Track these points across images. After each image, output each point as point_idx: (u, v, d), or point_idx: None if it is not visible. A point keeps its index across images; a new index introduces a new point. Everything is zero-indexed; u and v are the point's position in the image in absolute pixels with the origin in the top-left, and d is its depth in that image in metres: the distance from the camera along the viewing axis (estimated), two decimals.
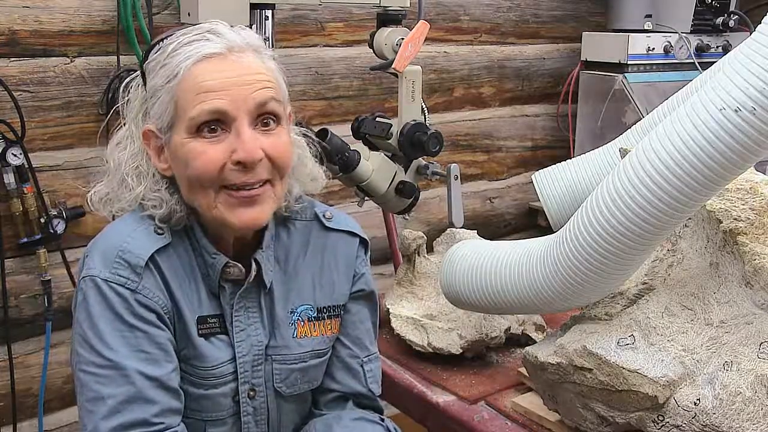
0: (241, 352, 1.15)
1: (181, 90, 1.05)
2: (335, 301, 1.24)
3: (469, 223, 1.92)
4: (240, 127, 1.05)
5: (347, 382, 1.26)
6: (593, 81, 2.80)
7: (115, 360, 1.04)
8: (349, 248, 1.26)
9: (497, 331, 1.57)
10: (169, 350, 1.08)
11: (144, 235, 1.09)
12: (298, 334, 1.20)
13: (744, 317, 1.17)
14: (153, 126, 1.09)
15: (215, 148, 1.05)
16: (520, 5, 2.86)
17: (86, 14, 1.96)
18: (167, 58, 1.07)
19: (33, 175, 1.91)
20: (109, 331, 1.04)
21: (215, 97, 1.03)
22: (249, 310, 1.16)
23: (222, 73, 1.05)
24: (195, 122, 1.04)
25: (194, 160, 1.05)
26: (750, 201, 1.23)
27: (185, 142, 1.05)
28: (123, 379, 1.04)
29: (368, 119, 1.76)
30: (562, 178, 1.49)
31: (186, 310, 1.11)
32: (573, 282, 1.14)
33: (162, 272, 1.09)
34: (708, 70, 1.35)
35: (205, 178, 1.05)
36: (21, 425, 2.03)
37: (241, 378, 1.15)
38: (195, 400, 1.13)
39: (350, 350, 1.26)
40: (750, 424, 1.09)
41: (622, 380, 1.15)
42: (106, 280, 1.05)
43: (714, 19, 2.79)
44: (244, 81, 1.05)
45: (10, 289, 1.94)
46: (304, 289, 1.21)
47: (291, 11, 2.30)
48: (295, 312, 1.20)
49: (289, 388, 1.20)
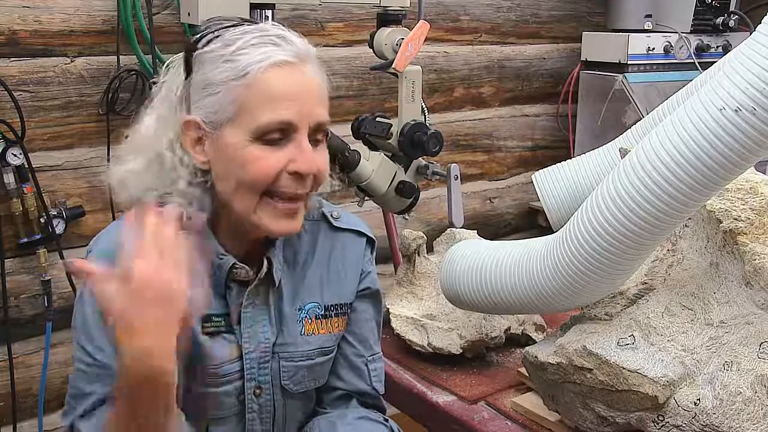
0: (248, 349, 1.15)
1: (249, 92, 1.04)
2: (342, 299, 1.24)
3: (469, 223, 1.92)
4: (301, 139, 1.06)
5: (352, 380, 1.26)
6: (593, 81, 2.80)
7: (103, 361, 1.05)
8: (356, 247, 1.27)
9: (497, 331, 1.57)
10: None
11: None
12: (305, 332, 1.20)
13: (744, 317, 1.17)
14: (200, 118, 1.07)
15: (274, 156, 1.05)
16: (520, 5, 2.86)
17: (86, 14, 1.96)
18: (233, 55, 1.05)
19: (33, 175, 1.91)
20: (99, 332, 1.05)
21: (285, 108, 1.04)
22: (257, 307, 1.16)
23: (293, 85, 1.05)
24: (262, 129, 1.04)
25: (252, 165, 1.05)
26: (750, 201, 1.23)
27: (245, 144, 1.05)
28: (108, 379, 1.04)
29: (368, 119, 1.76)
30: (562, 178, 1.49)
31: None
32: (573, 282, 1.14)
33: None
34: (708, 70, 1.35)
35: (259, 183, 1.06)
36: (21, 425, 2.03)
37: (248, 375, 1.15)
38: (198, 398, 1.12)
39: (355, 349, 1.26)
40: (750, 424, 1.09)
41: (622, 380, 1.15)
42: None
43: (714, 19, 2.79)
44: (310, 95, 1.07)
45: (10, 289, 1.94)
46: (312, 287, 1.22)
47: (291, 11, 2.30)
48: (303, 309, 1.20)
49: (296, 386, 1.20)
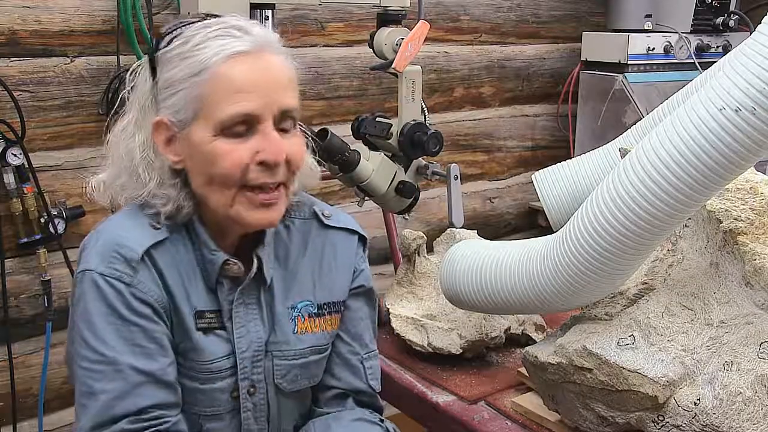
0: (241, 348, 1.15)
1: (209, 87, 1.04)
2: (335, 298, 1.24)
3: (469, 223, 1.92)
4: (266, 128, 1.06)
5: (347, 378, 1.26)
6: (593, 81, 2.80)
7: (109, 355, 1.04)
8: (348, 245, 1.26)
9: (497, 331, 1.57)
10: (164, 344, 1.08)
11: (140, 230, 1.09)
12: (298, 330, 1.20)
13: (744, 317, 1.17)
14: (167, 118, 1.08)
15: (240, 149, 1.05)
16: (520, 5, 2.86)
17: (86, 14, 1.96)
18: (191, 51, 1.05)
19: (33, 175, 1.91)
20: (104, 326, 1.05)
21: (246, 99, 1.04)
22: (249, 306, 1.16)
23: (251, 75, 1.05)
24: (225, 123, 1.04)
25: (220, 159, 1.05)
26: (750, 201, 1.23)
27: (210, 139, 1.05)
28: (116, 374, 1.04)
29: (368, 119, 1.76)
30: (562, 178, 1.49)
31: (183, 305, 1.11)
32: (573, 282, 1.14)
33: (158, 266, 1.09)
34: (708, 70, 1.35)
35: (229, 177, 1.05)
36: (21, 425, 2.03)
37: (241, 374, 1.15)
38: (191, 394, 1.12)
39: (350, 347, 1.26)
40: (750, 424, 1.09)
41: (622, 380, 1.15)
42: (102, 274, 1.05)
43: (714, 19, 2.79)
44: (272, 83, 1.06)
45: (10, 289, 1.94)
46: (303, 285, 1.21)
47: (291, 11, 2.30)
48: (296, 308, 1.20)
49: (290, 384, 1.20)
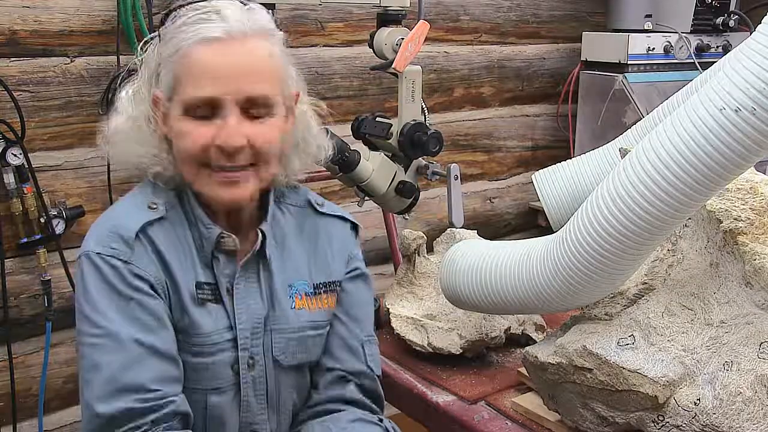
0: (241, 320, 1.17)
1: (180, 68, 1.09)
2: (331, 278, 1.27)
3: (469, 223, 1.92)
4: (227, 114, 1.09)
5: (347, 360, 1.27)
6: (593, 81, 2.80)
7: (110, 328, 1.07)
8: (342, 231, 1.31)
9: (497, 331, 1.57)
10: (163, 318, 1.11)
11: (135, 211, 1.14)
12: (296, 306, 1.23)
13: (744, 317, 1.17)
14: (161, 93, 1.14)
15: (201, 131, 1.09)
16: (520, 5, 2.86)
17: (86, 14, 1.96)
18: (175, 32, 1.11)
19: (33, 175, 1.91)
20: (104, 302, 1.08)
21: (208, 84, 1.07)
22: (249, 281, 1.19)
23: (218, 60, 1.08)
24: (188, 104, 1.09)
25: (182, 138, 1.11)
26: (750, 201, 1.23)
27: (179, 118, 1.11)
28: (118, 346, 1.06)
29: (368, 119, 1.76)
30: (562, 178, 1.49)
31: (181, 281, 1.13)
32: (573, 282, 1.14)
33: (154, 244, 1.12)
34: (708, 70, 1.35)
35: (190, 156, 1.11)
36: (21, 425, 2.03)
37: (241, 345, 1.17)
38: (195, 371, 1.14)
39: (350, 329, 1.29)
40: (750, 424, 1.09)
41: (622, 380, 1.15)
42: (99, 253, 1.09)
43: (714, 19, 2.78)
44: (238, 71, 1.08)
45: (10, 289, 1.94)
46: (300, 266, 1.25)
47: (291, 11, 2.30)
48: (293, 286, 1.23)
49: (288, 358, 1.22)
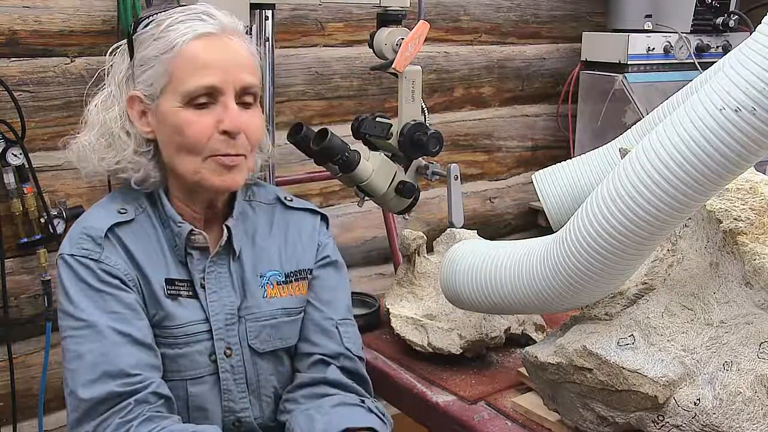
0: (214, 311, 1.23)
1: (177, 62, 1.17)
2: (301, 266, 1.34)
3: (469, 223, 1.92)
4: (227, 101, 1.18)
5: (324, 343, 1.33)
6: (593, 81, 2.80)
7: (89, 320, 1.14)
8: (310, 222, 1.39)
9: (497, 331, 1.57)
10: (137, 310, 1.18)
11: (104, 214, 1.22)
12: (267, 296, 1.29)
13: (744, 317, 1.17)
14: (140, 92, 1.21)
15: (204, 119, 1.18)
16: (520, 5, 2.86)
17: (86, 14, 1.96)
18: (162, 33, 1.18)
19: (33, 175, 1.91)
20: (80, 298, 1.15)
21: (210, 74, 1.17)
22: (220, 275, 1.26)
23: (216, 53, 1.18)
24: (190, 94, 1.17)
25: (186, 128, 1.17)
26: (750, 201, 1.23)
27: (177, 110, 1.18)
28: (97, 335, 1.13)
29: (368, 119, 1.75)
30: (562, 178, 1.49)
31: (152, 277, 1.20)
32: (573, 282, 1.14)
33: (123, 243, 1.20)
34: (708, 70, 1.35)
35: (195, 145, 1.18)
36: (21, 425, 2.03)
37: (216, 335, 1.23)
38: (173, 360, 1.21)
39: (322, 312, 1.34)
40: (750, 424, 1.09)
41: (622, 380, 1.15)
42: (73, 255, 1.17)
43: (714, 19, 2.79)
44: (234, 62, 1.19)
45: (10, 289, 1.94)
46: (271, 257, 1.32)
47: (291, 11, 2.30)
48: (264, 276, 1.30)
49: (263, 344, 1.28)
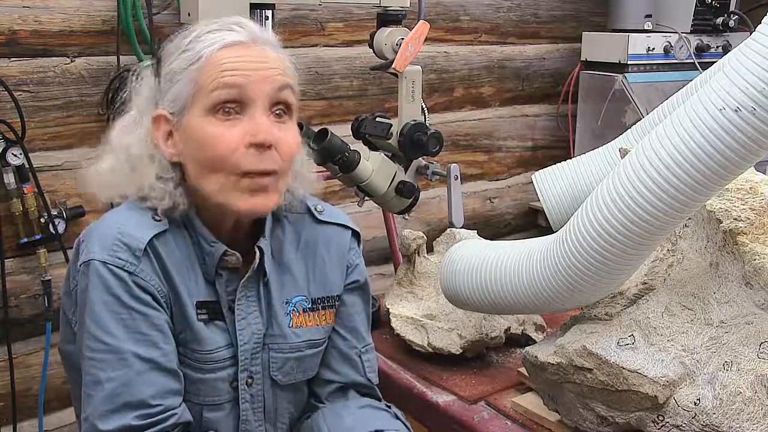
0: (243, 340, 1.16)
1: (203, 72, 1.07)
2: (329, 292, 1.25)
3: (469, 223, 1.92)
4: (255, 110, 1.08)
5: (346, 372, 1.27)
6: (593, 81, 2.80)
7: (112, 344, 1.05)
8: (341, 240, 1.27)
9: (497, 331, 1.57)
10: (166, 332, 1.09)
11: (141, 221, 1.11)
12: (293, 324, 1.21)
13: (744, 317, 1.17)
14: (165, 110, 1.11)
15: (230, 132, 1.07)
16: (520, 5, 2.86)
17: (86, 14, 1.95)
18: (189, 44, 1.10)
19: (33, 175, 1.91)
20: (107, 316, 1.06)
21: (237, 82, 1.07)
22: (249, 299, 1.17)
23: (244, 58, 1.08)
24: (214, 102, 1.07)
25: (212, 142, 1.07)
26: (750, 201, 1.23)
27: (202, 123, 1.07)
28: (120, 362, 1.05)
29: (368, 119, 1.75)
30: (562, 178, 1.49)
31: (184, 295, 1.12)
32: (573, 282, 1.14)
33: (160, 257, 1.10)
34: (708, 70, 1.35)
35: (219, 161, 1.07)
36: (21, 425, 2.02)
37: (241, 365, 1.16)
38: (192, 384, 1.13)
39: (348, 341, 1.27)
40: (750, 424, 1.09)
41: (622, 380, 1.15)
42: (105, 262, 1.06)
43: (714, 19, 2.79)
44: (264, 67, 1.09)
45: (10, 289, 1.94)
46: (298, 280, 1.23)
47: (291, 11, 2.30)
48: (290, 303, 1.21)
49: (285, 377, 1.21)
